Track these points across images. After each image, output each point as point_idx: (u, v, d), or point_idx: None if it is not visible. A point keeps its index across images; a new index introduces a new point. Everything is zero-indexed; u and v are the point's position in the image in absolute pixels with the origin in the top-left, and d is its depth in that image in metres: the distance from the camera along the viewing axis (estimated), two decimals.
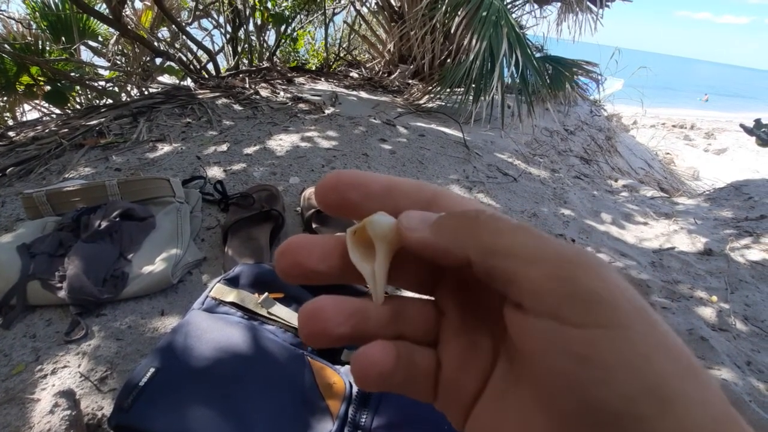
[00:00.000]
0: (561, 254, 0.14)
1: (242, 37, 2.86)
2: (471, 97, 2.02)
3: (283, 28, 2.99)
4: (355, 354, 0.16)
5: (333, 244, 0.17)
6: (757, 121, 4.97)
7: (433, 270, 0.18)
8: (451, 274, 0.18)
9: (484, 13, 1.96)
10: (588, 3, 2.60)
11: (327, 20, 3.11)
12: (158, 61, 2.58)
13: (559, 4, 2.74)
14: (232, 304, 0.60)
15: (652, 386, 0.12)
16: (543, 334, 0.13)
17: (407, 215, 0.16)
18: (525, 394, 0.15)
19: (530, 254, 0.14)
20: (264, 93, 2.01)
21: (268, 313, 0.60)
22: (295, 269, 0.17)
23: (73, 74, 2.42)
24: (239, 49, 2.86)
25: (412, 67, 2.56)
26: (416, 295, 0.19)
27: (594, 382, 0.12)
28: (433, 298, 0.19)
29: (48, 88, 2.27)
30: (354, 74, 2.81)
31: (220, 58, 2.88)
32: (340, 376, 0.54)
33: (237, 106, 1.79)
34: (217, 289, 0.62)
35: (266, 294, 0.61)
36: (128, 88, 2.59)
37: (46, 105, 2.36)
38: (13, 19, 2.48)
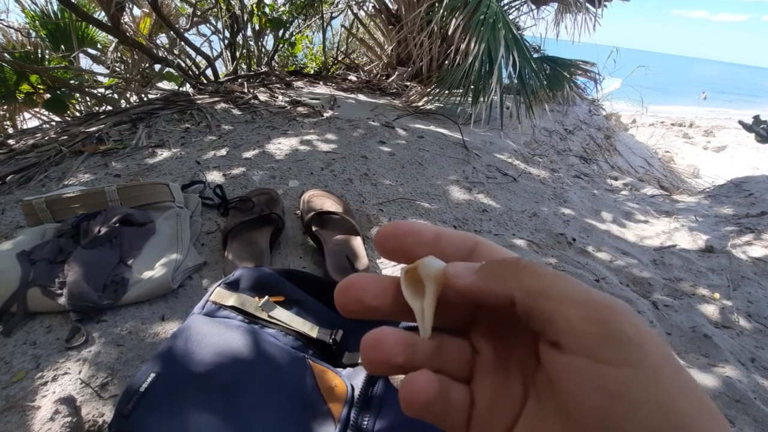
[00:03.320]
0: (597, 299, 0.15)
1: (240, 42, 2.87)
2: (470, 99, 2.03)
3: (281, 32, 3.00)
4: (403, 381, 0.17)
5: (388, 283, 0.19)
6: (756, 118, 4.96)
7: (468, 312, 0.20)
8: (485, 317, 0.20)
9: (482, 16, 1.97)
10: (586, 3, 2.61)
11: (325, 24, 3.13)
12: (157, 67, 2.58)
13: (556, 4, 2.75)
14: (233, 308, 0.60)
15: (676, 423, 0.13)
16: (578, 371, 0.14)
17: (453, 266, 0.18)
18: (553, 428, 0.15)
19: (569, 297, 0.15)
20: (263, 97, 2.02)
21: (269, 316, 0.60)
22: (354, 305, 0.19)
23: (72, 82, 2.42)
24: (237, 54, 2.86)
25: (410, 69, 2.57)
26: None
27: (623, 416, 0.13)
28: (467, 338, 0.20)
29: (47, 95, 2.28)
30: (352, 77, 2.81)
31: (219, 64, 2.89)
32: (341, 379, 0.54)
33: (236, 111, 1.79)
34: (218, 293, 0.62)
35: (267, 297, 0.61)
36: (127, 95, 2.60)
37: (46, 113, 2.36)
38: (13, 28, 2.49)
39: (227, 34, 2.82)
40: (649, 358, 0.14)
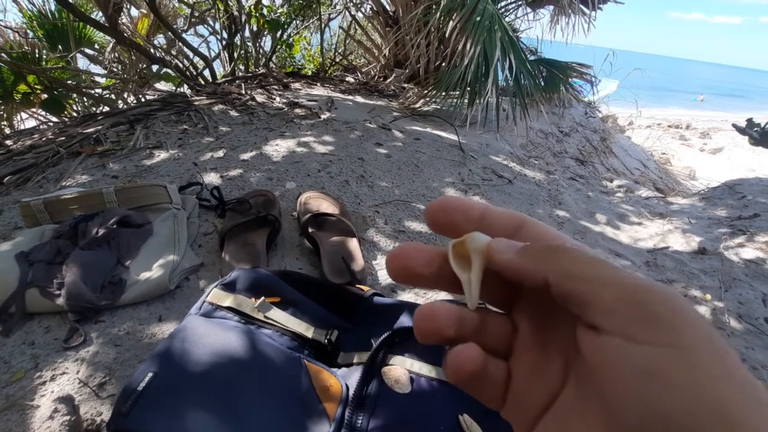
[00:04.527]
0: (634, 281, 0.15)
1: (238, 43, 2.87)
2: (466, 101, 2.04)
3: (278, 34, 3.01)
4: (452, 351, 0.18)
5: (435, 254, 0.20)
6: (749, 121, 4.99)
7: (512, 289, 0.20)
8: (529, 296, 0.20)
9: (478, 18, 1.98)
10: (580, 5, 2.63)
11: (322, 26, 3.13)
12: (154, 68, 2.59)
13: (551, 6, 2.77)
14: (229, 308, 0.61)
15: (715, 407, 0.12)
16: (613, 351, 0.14)
17: (497, 241, 0.19)
18: (591, 413, 0.15)
19: (604, 278, 0.15)
20: (260, 99, 2.02)
21: (265, 317, 0.61)
22: (404, 271, 0.20)
23: (69, 82, 2.42)
24: (235, 55, 2.87)
25: (407, 71, 2.58)
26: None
27: (658, 396, 0.13)
28: (507, 315, 0.21)
29: (45, 96, 2.28)
30: (350, 79, 2.82)
31: (216, 65, 2.89)
32: (336, 379, 0.55)
33: (233, 112, 1.80)
34: (214, 294, 0.63)
35: (263, 298, 0.62)
36: (125, 96, 2.60)
37: (43, 113, 2.36)
38: (10, 28, 2.49)
39: (225, 35, 2.83)
40: (688, 340, 0.14)
